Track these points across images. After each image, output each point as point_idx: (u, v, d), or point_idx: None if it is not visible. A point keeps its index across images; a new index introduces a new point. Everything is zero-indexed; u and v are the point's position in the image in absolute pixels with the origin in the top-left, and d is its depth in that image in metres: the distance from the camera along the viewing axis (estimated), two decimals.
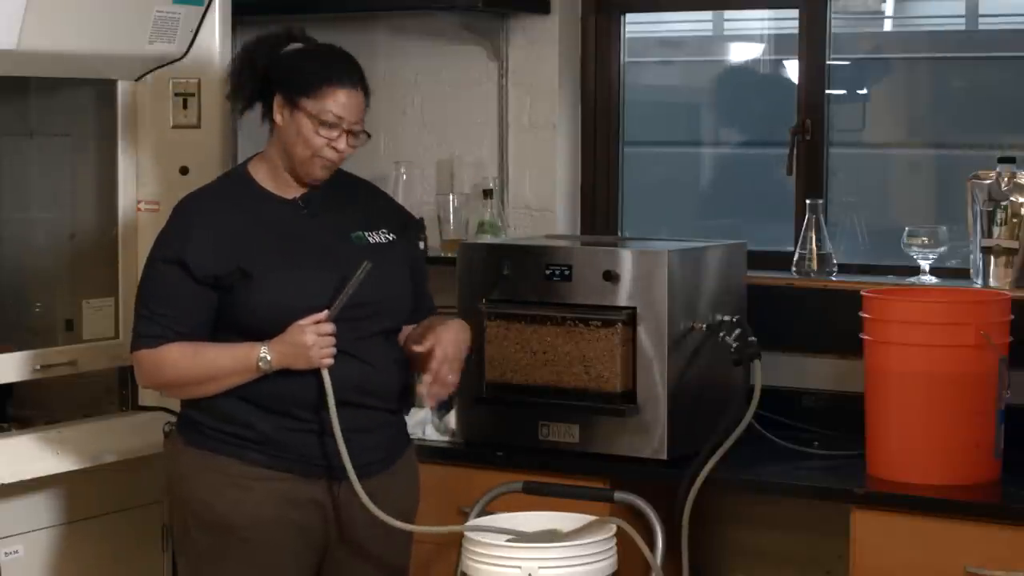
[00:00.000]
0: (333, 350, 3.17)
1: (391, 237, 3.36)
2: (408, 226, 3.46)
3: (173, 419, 3.53)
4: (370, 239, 3.33)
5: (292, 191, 3.30)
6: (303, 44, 3.31)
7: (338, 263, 3.25)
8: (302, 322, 3.16)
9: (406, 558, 3.43)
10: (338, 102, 3.20)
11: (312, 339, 3.14)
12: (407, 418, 4.01)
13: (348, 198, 3.36)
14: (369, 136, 3.29)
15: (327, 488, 3.24)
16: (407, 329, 3.41)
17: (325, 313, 3.17)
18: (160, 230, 3.29)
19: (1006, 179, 3.88)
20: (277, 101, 3.23)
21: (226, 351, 3.19)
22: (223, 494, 3.20)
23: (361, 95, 3.25)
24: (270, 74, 3.25)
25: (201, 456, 3.23)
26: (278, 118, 3.24)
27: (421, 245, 4.11)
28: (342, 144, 3.23)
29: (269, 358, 3.16)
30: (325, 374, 3.17)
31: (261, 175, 3.30)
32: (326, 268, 3.24)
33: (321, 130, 3.20)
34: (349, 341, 3.21)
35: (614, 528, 3.28)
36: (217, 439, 3.22)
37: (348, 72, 3.25)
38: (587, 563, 3.20)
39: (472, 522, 3.36)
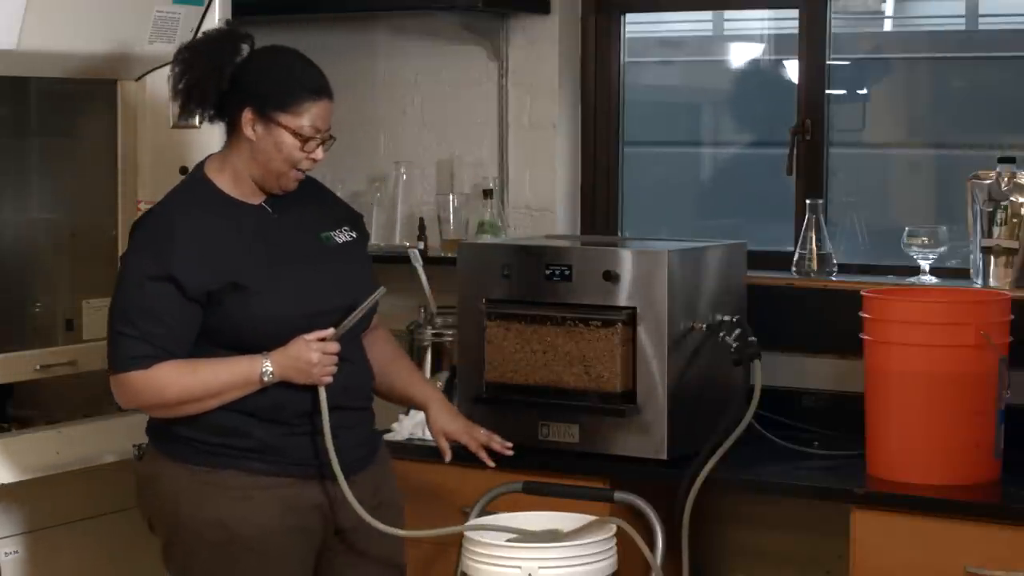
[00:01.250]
0: (334, 368, 3.17)
1: (353, 235, 3.37)
2: (358, 221, 3.44)
3: (138, 444, 3.46)
4: (337, 239, 3.32)
5: (256, 196, 3.26)
6: (251, 47, 3.24)
7: (316, 265, 3.25)
8: (308, 337, 3.14)
9: (402, 552, 3.44)
10: (314, 115, 3.18)
11: (317, 357, 3.14)
12: (407, 419, 4.04)
13: (305, 198, 3.33)
14: (334, 139, 3.25)
15: (324, 489, 3.24)
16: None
17: (332, 331, 3.16)
18: (133, 245, 3.21)
19: (1006, 179, 3.88)
20: (248, 115, 3.17)
21: (226, 366, 3.15)
22: (227, 509, 3.17)
23: (331, 103, 3.23)
24: (237, 85, 3.19)
25: (196, 473, 3.18)
26: (249, 132, 3.18)
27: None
28: (319, 154, 3.21)
29: (272, 371, 3.14)
30: (322, 389, 3.17)
31: (223, 182, 3.25)
32: (306, 272, 3.23)
33: (299, 142, 3.17)
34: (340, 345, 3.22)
35: (614, 528, 3.28)
36: (211, 452, 3.18)
37: (320, 82, 3.22)
38: (587, 563, 3.20)
39: (472, 522, 3.36)
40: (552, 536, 3.33)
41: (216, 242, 3.17)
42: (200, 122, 3.31)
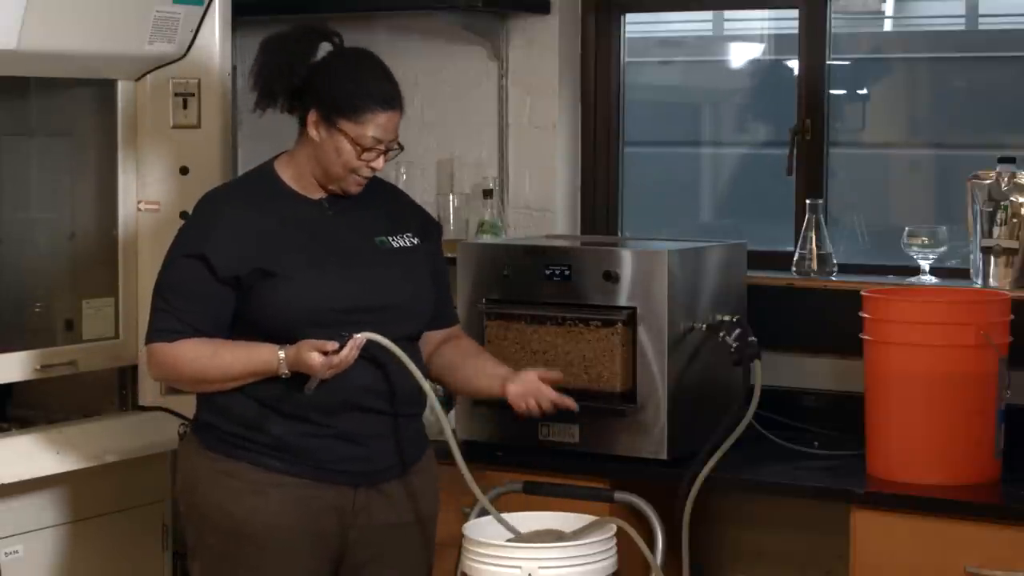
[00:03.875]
0: (339, 368, 3.12)
1: (415, 241, 3.34)
2: (429, 229, 3.43)
3: (187, 420, 3.52)
4: (393, 243, 3.31)
5: (318, 192, 3.28)
6: (333, 47, 3.26)
7: (362, 265, 3.24)
8: (310, 343, 3.08)
9: (429, 560, 3.41)
10: (379, 125, 3.17)
11: (318, 360, 3.07)
12: None
13: (372, 200, 3.33)
14: (402, 148, 3.26)
15: (344, 493, 3.22)
16: (430, 336, 3.40)
17: (334, 345, 3.07)
18: (183, 224, 3.28)
19: (1006, 179, 3.88)
20: (313, 116, 3.18)
21: (245, 355, 3.16)
22: (240, 501, 3.18)
23: (399, 114, 3.22)
24: (306, 86, 3.20)
25: (217, 461, 3.21)
26: (313, 133, 3.19)
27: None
28: (380, 163, 3.21)
29: (286, 361, 3.13)
30: (381, 339, 3.12)
31: (288, 175, 3.27)
32: (349, 270, 3.23)
33: (360, 151, 3.17)
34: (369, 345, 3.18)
35: (614, 528, 3.28)
36: (233, 444, 3.20)
37: (389, 93, 3.20)
38: (587, 563, 3.20)
39: (472, 522, 3.36)
40: (552, 536, 3.33)
41: (256, 229, 3.19)
42: (264, 111, 3.27)
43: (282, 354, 3.12)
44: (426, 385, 3.22)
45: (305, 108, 3.21)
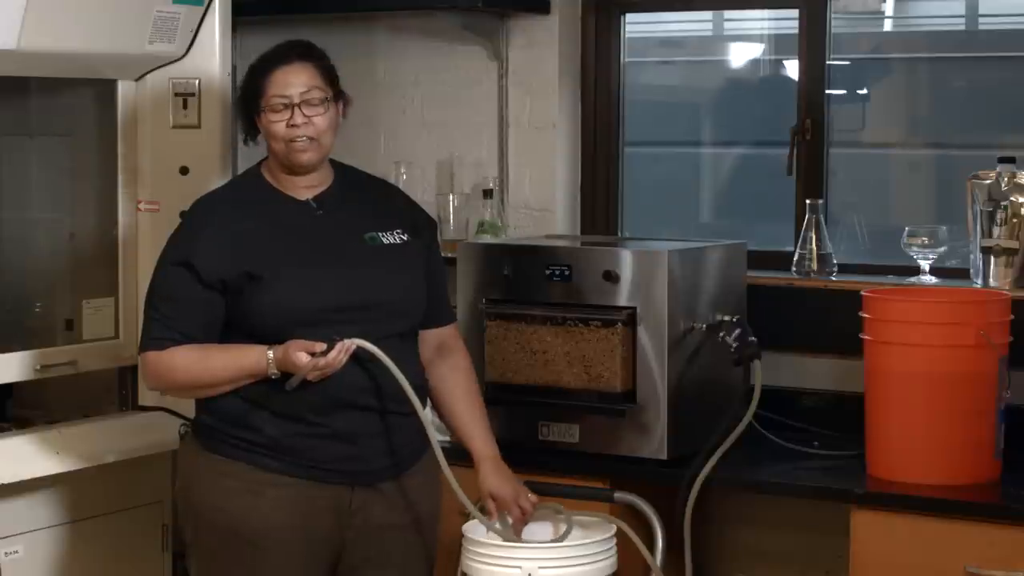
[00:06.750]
0: (327, 372, 3.13)
1: (405, 237, 3.34)
2: (421, 226, 3.42)
3: (187, 421, 3.52)
4: (384, 239, 3.31)
5: (305, 192, 3.29)
6: None
7: (350, 264, 3.25)
8: (297, 343, 3.10)
9: (431, 561, 3.39)
10: (276, 83, 3.21)
11: (304, 360, 3.09)
12: None
13: (363, 198, 3.35)
14: (334, 97, 3.26)
15: (341, 493, 3.22)
16: (425, 336, 3.40)
17: (323, 347, 3.08)
18: (172, 232, 3.29)
19: (1006, 179, 3.88)
20: (258, 118, 3.26)
21: (235, 359, 3.16)
22: (235, 500, 3.18)
23: (301, 64, 3.23)
24: (245, 108, 3.31)
25: (213, 461, 3.21)
26: (262, 130, 3.27)
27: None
28: (298, 119, 3.20)
29: (274, 361, 3.14)
30: (370, 346, 3.13)
31: (271, 177, 3.31)
32: (337, 269, 3.23)
33: (273, 116, 3.20)
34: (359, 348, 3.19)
35: (614, 528, 3.29)
36: (229, 444, 3.20)
37: (280, 53, 3.26)
38: (587, 563, 3.21)
39: (472, 522, 3.36)
40: (552, 536, 3.34)
41: (243, 232, 3.21)
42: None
43: (270, 355, 3.13)
44: (413, 396, 3.20)
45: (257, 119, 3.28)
